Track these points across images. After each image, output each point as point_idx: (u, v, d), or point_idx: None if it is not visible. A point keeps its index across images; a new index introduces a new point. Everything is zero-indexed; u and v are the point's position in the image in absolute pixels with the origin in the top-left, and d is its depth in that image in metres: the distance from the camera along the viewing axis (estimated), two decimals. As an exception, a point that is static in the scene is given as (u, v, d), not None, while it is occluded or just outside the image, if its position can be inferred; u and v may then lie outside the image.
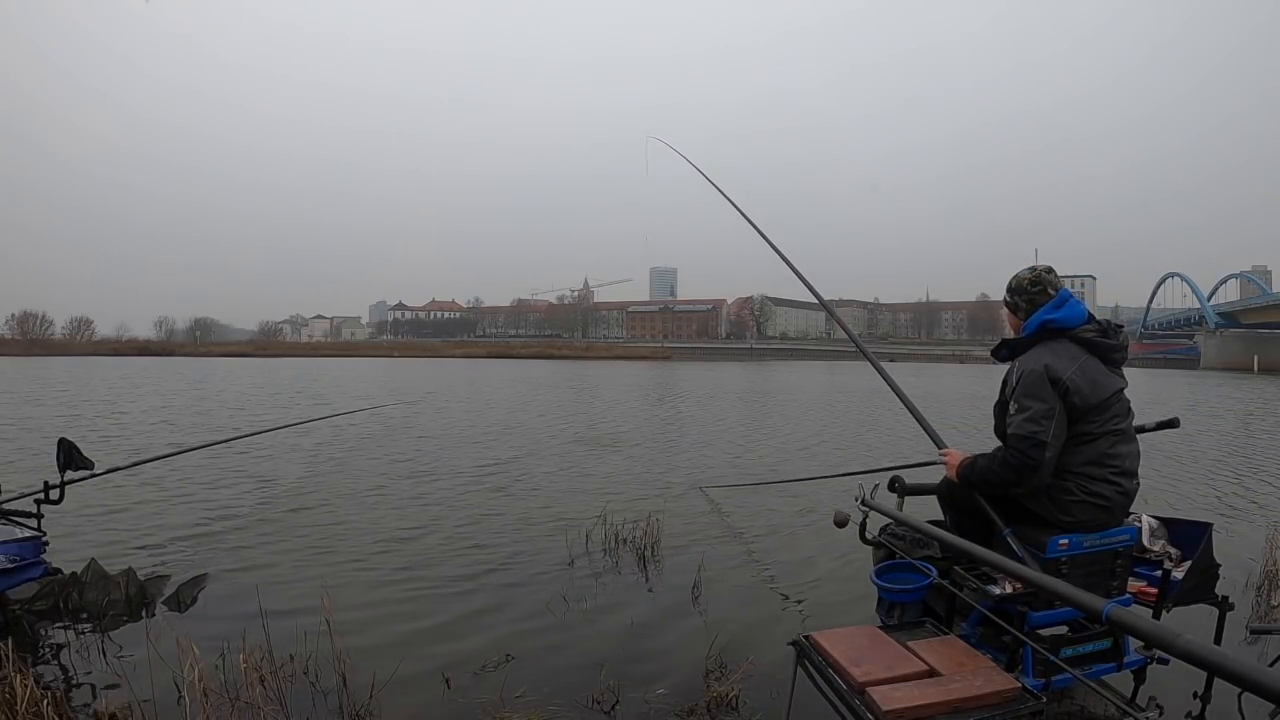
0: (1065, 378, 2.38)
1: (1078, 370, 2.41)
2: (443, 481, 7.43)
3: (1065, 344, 2.47)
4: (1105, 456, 2.42)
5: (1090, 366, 2.44)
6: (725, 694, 2.78)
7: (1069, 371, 2.40)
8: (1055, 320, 2.50)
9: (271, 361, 57.00)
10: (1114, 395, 2.46)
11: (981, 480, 2.51)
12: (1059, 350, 2.45)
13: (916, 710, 1.91)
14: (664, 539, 4.89)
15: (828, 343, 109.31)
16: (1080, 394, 2.38)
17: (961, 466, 2.58)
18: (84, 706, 2.71)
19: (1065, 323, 2.50)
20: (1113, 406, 2.46)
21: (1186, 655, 1.49)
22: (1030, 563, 2.33)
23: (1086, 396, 2.39)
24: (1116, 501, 2.45)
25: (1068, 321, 2.50)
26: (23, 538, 3.44)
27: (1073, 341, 2.47)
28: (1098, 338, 2.48)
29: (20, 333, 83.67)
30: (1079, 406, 2.39)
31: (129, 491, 6.34)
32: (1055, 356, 2.43)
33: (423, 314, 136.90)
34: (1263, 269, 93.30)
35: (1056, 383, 2.38)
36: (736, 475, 7.76)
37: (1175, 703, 2.32)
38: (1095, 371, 2.44)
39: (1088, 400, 2.40)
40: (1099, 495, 2.41)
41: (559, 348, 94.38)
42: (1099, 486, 2.41)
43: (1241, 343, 73.30)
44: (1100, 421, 2.43)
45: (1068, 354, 2.44)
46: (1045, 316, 2.52)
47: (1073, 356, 2.44)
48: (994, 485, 2.49)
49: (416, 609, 3.82)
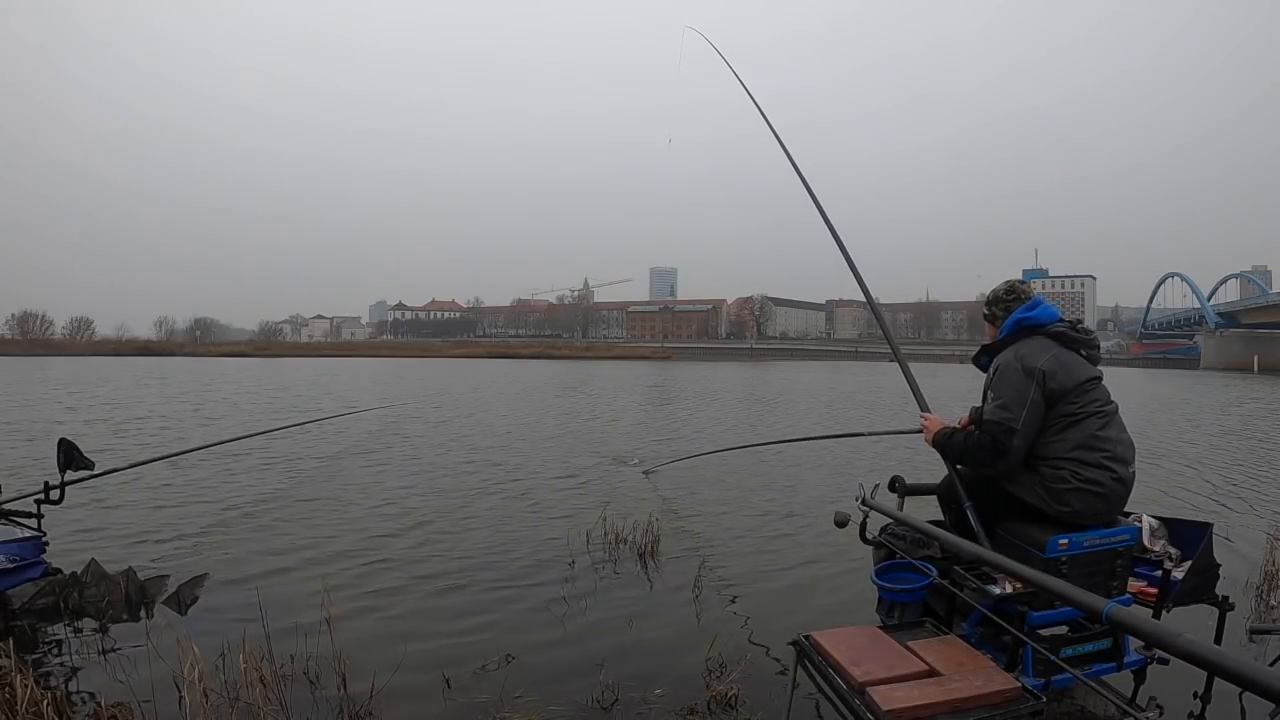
0: (1039, 365, 2.50)
1: (1051, 358, 2.53)
2: (444, 481, 7.43)
3: (1038, 339, 2.61)
4: (1095, 439, 2.46)
5: (1063, 355, 2.56)
6: (725, 694, 2.78)
7: (1042, 360, 2.52)
8: (1028, 318, 2.65)
9: (277, 361, 56.97)
10: (1090, 380, 2.55)
11: (954, 454, 2.68)
12: (1032, 344, 2.59)
13: (916, 710, 1.91)
14: (664, 539, 4.89)
15: (828, 343, 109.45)
16: (1055, 378, 2.49)
17: (939, 434, 2.73)
18: (84, 706, 2.71)
19: (1037, 320, 2.64)
20: (1091, 390, 2.54)
21: (1186, 655, 1.49)
22: (1030, 560, 2.33)
23: (1062, 380, 2.50)
24: (1113, 489, 2.45)
25: (1040, 319, 2.64)
26: (23, 538, 3.45)
27: (1045, 336, 2.61)
28: (1068, 331, 2.62)
29: (20, 333, 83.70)
30: (1056, 390, 2.49)
31: (129, 491, 6.34)
32: (1029, 349, 2.57)
33: (423, 314, 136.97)
34: (1263, 269, 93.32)
35: (1031, 371, 2.50)
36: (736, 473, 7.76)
37: (1175, 703, 2.32)
38: (1068, 359, 2.56)
39: (1064, 383, 2.50)
40: (1094, 482, 2.42)
41: (559, 348, 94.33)
42: (1093, 473, 2.42)
43: (1241, 343, 73.33)
44: (1082, 402, 2.50)
45: (1040, 346, 2.58)
46: (1019, 315, 2.68)
47: (1045, 348, 2.57)
48: (964, 462, 2.67)
49: (417, 609, 3.82)
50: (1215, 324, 78.26)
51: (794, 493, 6.83)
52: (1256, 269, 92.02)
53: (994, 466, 2.53)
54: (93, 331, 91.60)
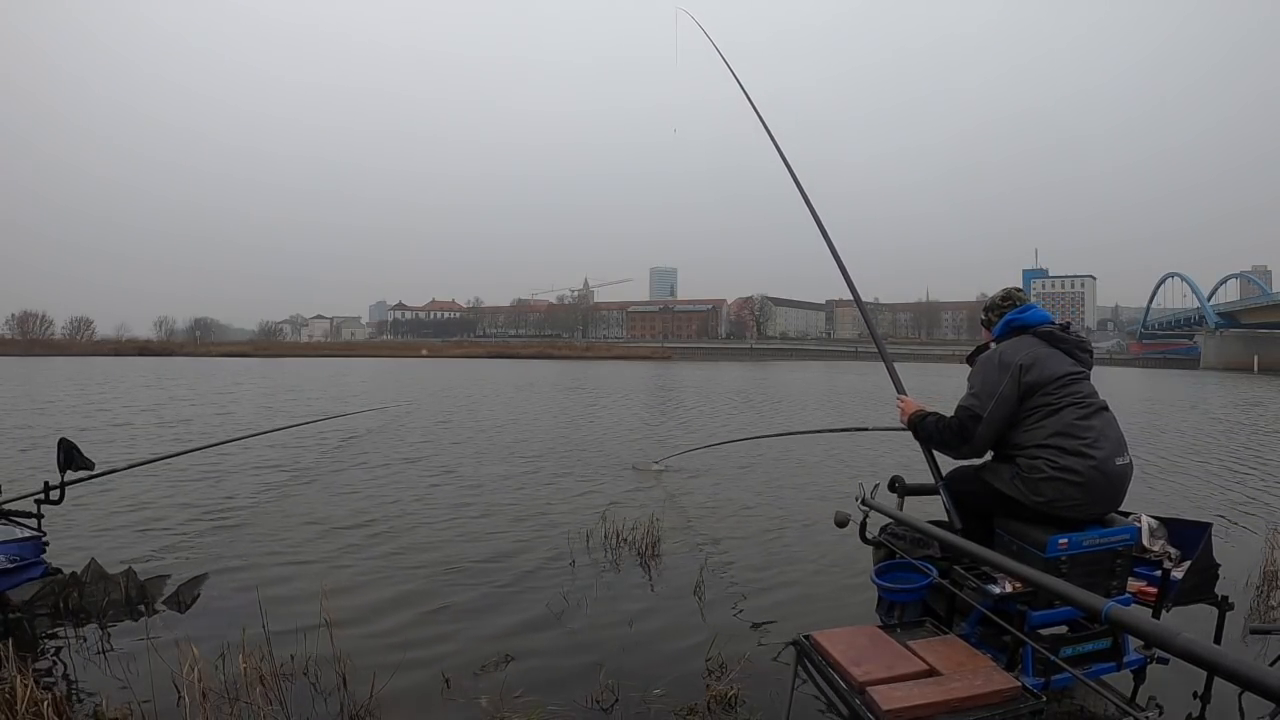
0: (1018, 359, 2.58)
1: (1030, 354, 2.59)
2: (444, 481, 7.43)
3: (1024, 337, 2.69)
4: (1074, 427, 2.47)
5: (1045, 351, 2.62)
6: (725, 694, 2.77)
7: (1021, 355, 2.59)
8: (1018, 319, 2.74)
9: (281, 361, 56.98)
10: (1072, 374, 2.59)
11: (924, 435, 2.81)
12: (1017, 342, 2.67)
13: (916, 710, 1.91)
14: (664, 539, 4.89)
15: (828, 343, 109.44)
16: (1033, 371, 2.56)
17: (914, 415, 2.85)
18: (84, 706, 2.70)
19: (1026, 321, 2.72)
20: (1072, 384, 2.56)
21: (1186, 654, 1.49)
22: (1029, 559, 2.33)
23: (1040, 372, 2.56)
24: (1091, 478, 2.40)
25: (1029, 320, 2.72)
26: (23, 538, 3.45)
27: (1033, 336, 2.68)
28: (1056, 331, 2.68)
29: (20, 333, 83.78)
30: (1033, 382, 2.55)
31: (129, 491, 6.34)
32: (1011, 345, 2.66)
33: (423, 314, 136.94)
34: (1263, 269, 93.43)
35: (1006, 365, 2.57)
36: (738, 473, 7.77)
37: (1175, 702, 2.32)
38: (1050, 354, 2.61)
39: (1042, 375, 2.55)
40: (1070, 470, 2.39)
41: (559, 348, 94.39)
42: (1070, 460, 2.41)
43: (1241, 343, 73.30)
44: (1060, 394, 2.53)
45: (1024, 344, 2.65)
46: (1010, 316, 2.77)
47: (1028, 345, 2.64)
48: (934, 444, 2.79)
49: (416, 609, 3.82)
50: (1215, 324, 78.21)
51: (794, 493, 6.83)
52: (1256, 269, 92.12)
53: (958, 450, 2.68)
54: (93, 331, 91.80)
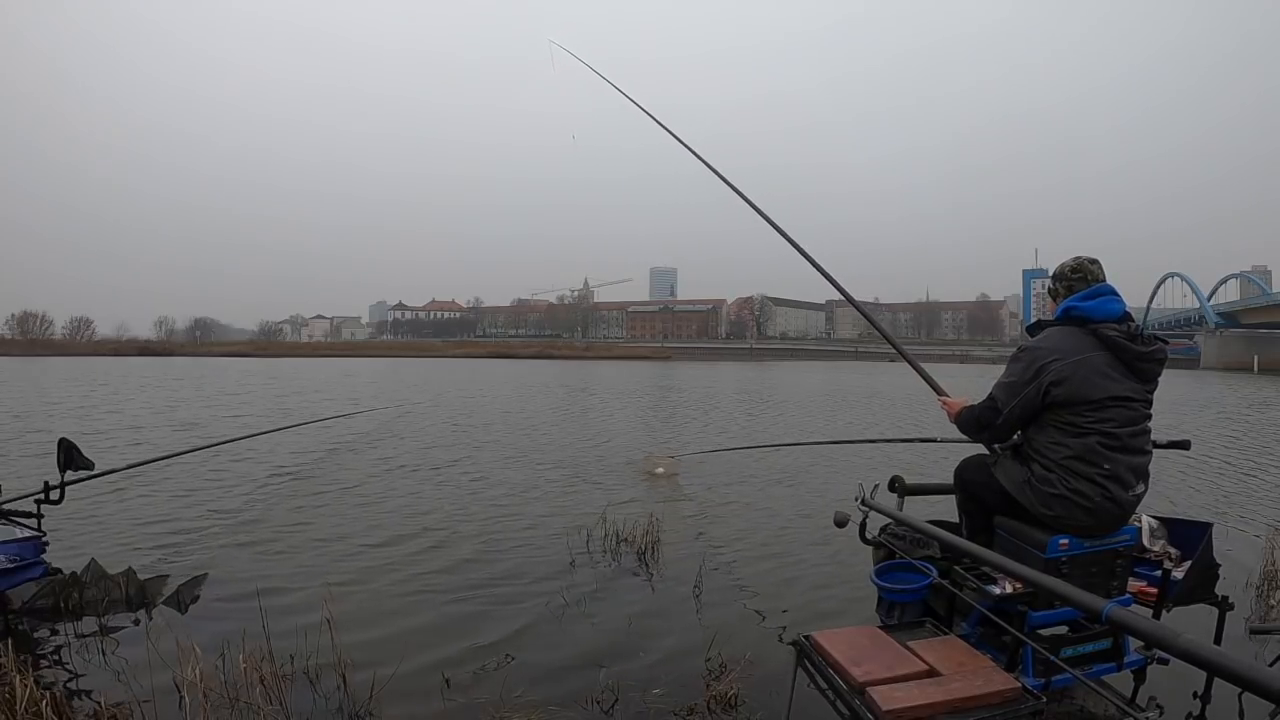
0: (1050, 371, 2.34)
1: (1075, 362, 2.33)
2: (444, 482, 7.43)
3: (1080, 333, 2.39)
4: (1096, 455, 2.32)
5: (1095, 362, 2.34)
6: (725, 694, 2.77)
7: (1058, 364, 2.34)
8: (1079, 309, 2.43)
9: (280, 362, 56.96)
10: (1114, 398, 2.33)
11: (959, 424, 2.72)
12: (1067, 335, 2.41)
13: (916, 710, 1.91)
14: (664, 539, 4.89)
15: (828, 343, 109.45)
16: (1062, 388, 2.33)
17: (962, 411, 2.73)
18: (84, 706, 2.71)
19: (1089, 313, 2.40)
20: (1110, 409, 2.33)
21: (1186, 655, 1.49)
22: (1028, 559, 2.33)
23: (1072, 391, 2.33)
24: (1103, 507, 2.34)
25: (1092, 313, 2.40)
26: (23, 538, 3.45)
27: (1093, 335, 2.38)
28: (1120, 339, 2.35)
29: (20, 333, 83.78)
30: (1063, 399, 2.34)
31: (129, 491, 6.34)
32: (1058, 340, 2.40)
33: (423, 314, 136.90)
34: (1263, 269, 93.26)
35: (1038, 370, 2.37)
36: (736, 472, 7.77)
37: (1175, 703, 2.31)
38: (1097, 369, 2.34)
39: (1073, 395, 2.33)
40: (1081, 494, 2.33)
41: (559, 348, 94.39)
42: (1082, 485, 2.33)
43: (1241, 343, 73.28)
44: (1091, 419, 2.33)
45: (1073, 343, 2.38)
46: (1070, 303, 2.46)
47: (1078, 347, 2.36)
48: (962, 430, 2.71)
49: (417, 609, 3.82)
50: (1215, 324, 78.17)
51: (794, 493, 6.83)
52: (1256, 269, 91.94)
53: (977, 436, 2.66)
54: (93, 331, 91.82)
